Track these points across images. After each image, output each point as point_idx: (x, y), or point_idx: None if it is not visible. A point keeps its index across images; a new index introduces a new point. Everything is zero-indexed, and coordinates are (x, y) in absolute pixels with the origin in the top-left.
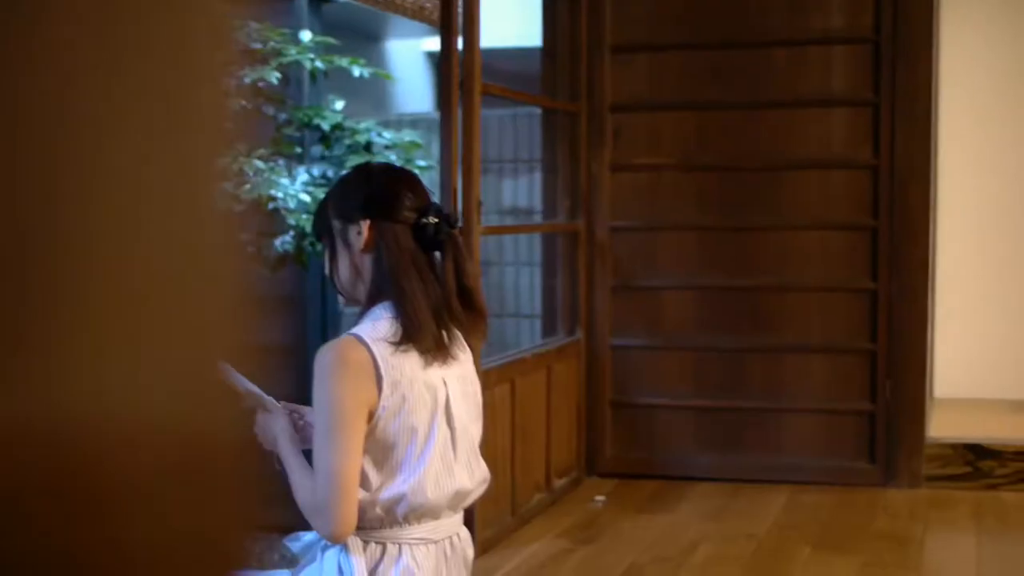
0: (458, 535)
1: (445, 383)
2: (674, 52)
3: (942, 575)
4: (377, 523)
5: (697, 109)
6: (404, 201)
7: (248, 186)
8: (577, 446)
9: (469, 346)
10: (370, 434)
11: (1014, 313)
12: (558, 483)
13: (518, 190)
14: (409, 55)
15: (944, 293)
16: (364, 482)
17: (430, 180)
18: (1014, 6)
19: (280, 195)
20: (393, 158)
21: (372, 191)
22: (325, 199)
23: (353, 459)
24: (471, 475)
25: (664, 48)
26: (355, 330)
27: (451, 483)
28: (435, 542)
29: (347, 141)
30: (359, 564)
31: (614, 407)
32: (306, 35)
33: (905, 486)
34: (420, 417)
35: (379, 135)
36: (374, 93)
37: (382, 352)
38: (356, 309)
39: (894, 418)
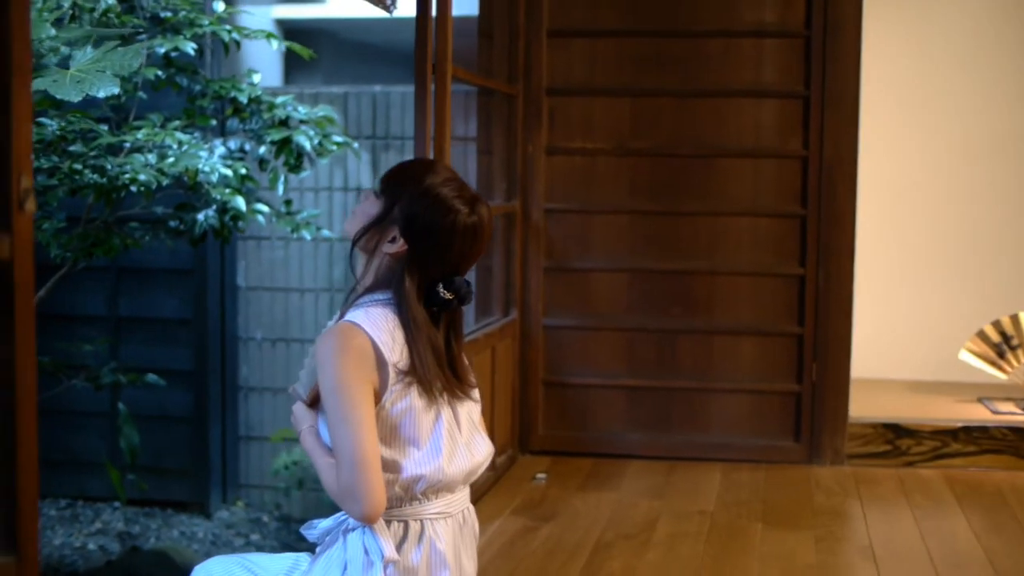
0: (468, 508)
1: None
2: (610, 39)
3: (892, 546)
4: (397, 502)
5: (632, 96)
6: (442, 264)
7: (171, 159)
8: (511, 424)
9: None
10: (377, 415)
11: (927, 298)
12: (498, 460)
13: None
14: (259, 23)
15: (861, 278)
16: (381, 464)
17: (346, 157)
18: (932, 2)
19: (205, 168)
20: (312, 134)
21: (431, 238)
22: (410, 177)
23: (370, 437)
24: (479, 449)
25: (601, 34)
26: (349, 317)
27: (463, 458)
28: (451, 515)
29: (265, 115)
30: (387, 543)
31: (546, 386)
32: (219, 6)
33: (828, 463)
34: (427, 400)
35: (295, 109)
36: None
37: (382, 338)
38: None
39: (819, 398)
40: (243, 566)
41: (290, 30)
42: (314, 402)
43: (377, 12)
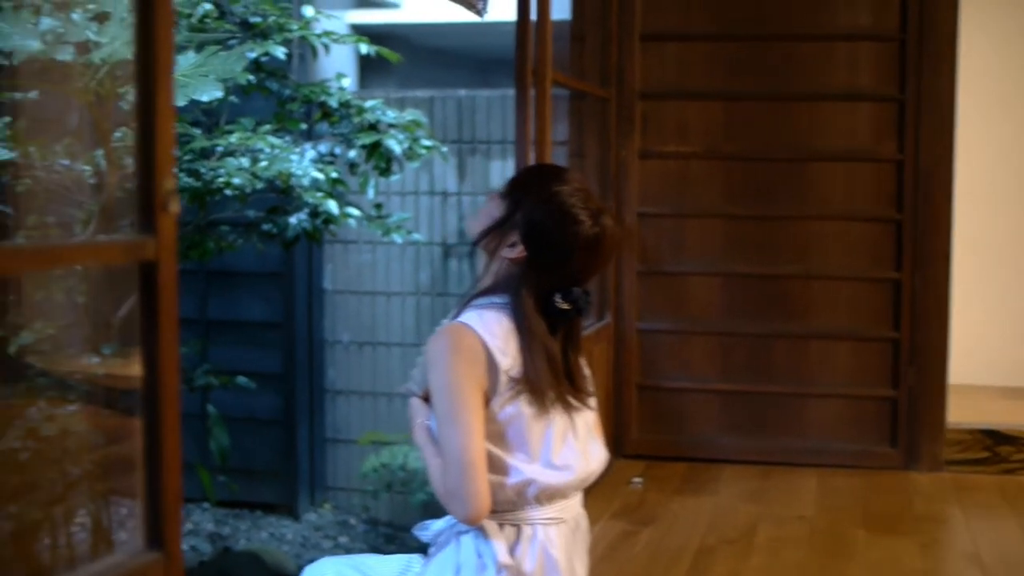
0: (581, 513)
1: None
2: (703, 42)
3: (1000, 554)
4: (509, 505)
5: (725, 99)
6: (561, 275)
7: (264, 163)
8: (606, 428)
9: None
10: (490, 418)
11: (1022, 302)
12: None
13: None
14: (335, 29)
15: (958, 283)
16: (490, 465)
17: (435, 162)
18: None
19: (298, 172)
20: (401, 137)
21: (552, 247)
22: (536, 184)
23: (477, 439)
24: (594, 456)
25: (693, 38)
26: (463, 318)
27: (577, 464)
28: (564, 521)
29: (355, 119)
30: (500, 547)
31: (641, 390)
32: (309, 11)
33: (926, 470)
34: (536, 408)
35: (384, 113)
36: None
37: (494, 343)
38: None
39: (916, 404)
40: (355, 567)
41: (364, 35)
42: (428, 397)
43: (449, 17)
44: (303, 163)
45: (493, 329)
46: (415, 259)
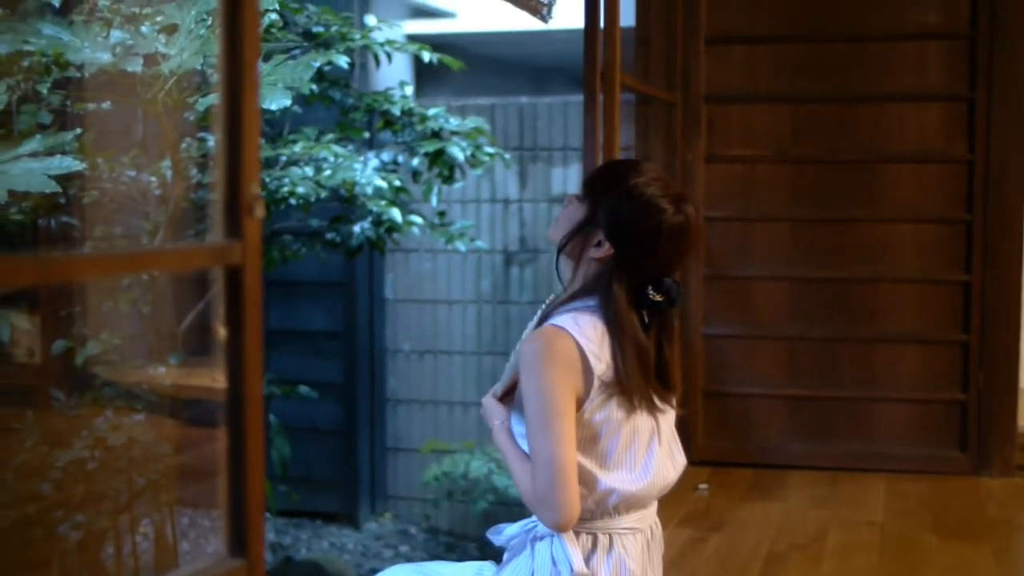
0: (656, 522)
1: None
2: (769, 44)
3: None
4: (588, 514)
5: (792, 102)
6: (650, 267)
7: (328, 172)
8: None
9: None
10: (577, 422)
11: None
12: None
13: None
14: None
15: None
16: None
17: (500, 168)
18: None
19: (362, 181)
20: (464, 145)
21: (638, 239)
22: (617, 179)
23: (569, 446)
24: (675, 464)
25: (759, 40)
26: (556, 321)
27: (660, 474)
28: (640, 531)
29: (418, 127)
30: (576, 555)
31: (706, 395)
32: (371, 20)
33: (997, 475)
34: (626, 410)
35: (447, 121)
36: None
37: (590, 347)
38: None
39: (986, 408)
40: (424, 575)
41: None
42: (504, 396)
43: (505, 26)
44: (366, 172)
45: (588, 333)
46: (476, 267)
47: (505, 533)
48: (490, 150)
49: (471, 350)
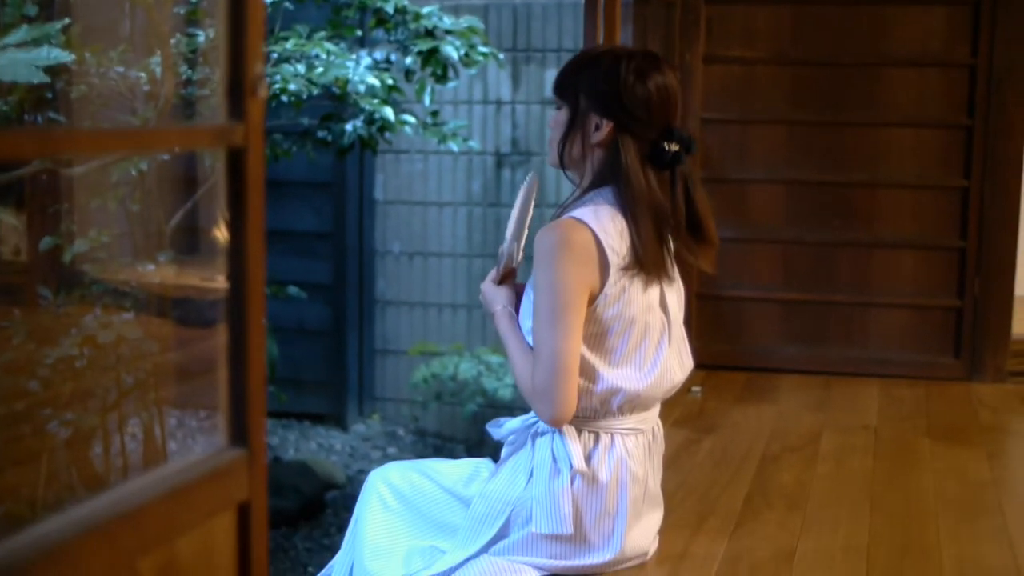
0: (658, 424)
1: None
2: None
3: None
4: (591, 413)
5: (793, 3)
6: (653, 122)
7: (320, 69)
8: None
9: (699, 269)
10: (588, 318)
11: None
12: None
13: None
14: None
15: None
16: (580, 369)
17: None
18: None
19: (355, 79)
20: (458, 44)
21: (628, 100)
22: (584, 66)
23: (575, 342)
24: (683, 366)
25: None
26: (575, 213)
27: (667, 375)
28: (642, 432)
29: (411, 25)
30: (576, 451)
31: (700, 299)
32: None
33: (990, 381)
34: (638, 307)
35: (440, 20)
36: None
37: (606, 239)
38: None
39: (981, 314)
40: (420, 472)
41: None
42: (502, 280)
43: None
44: (359, 69)
45: (607, 225)
46: (467, 169)
47: (506, 427)
48: (484, 50)
49: (461, 252)
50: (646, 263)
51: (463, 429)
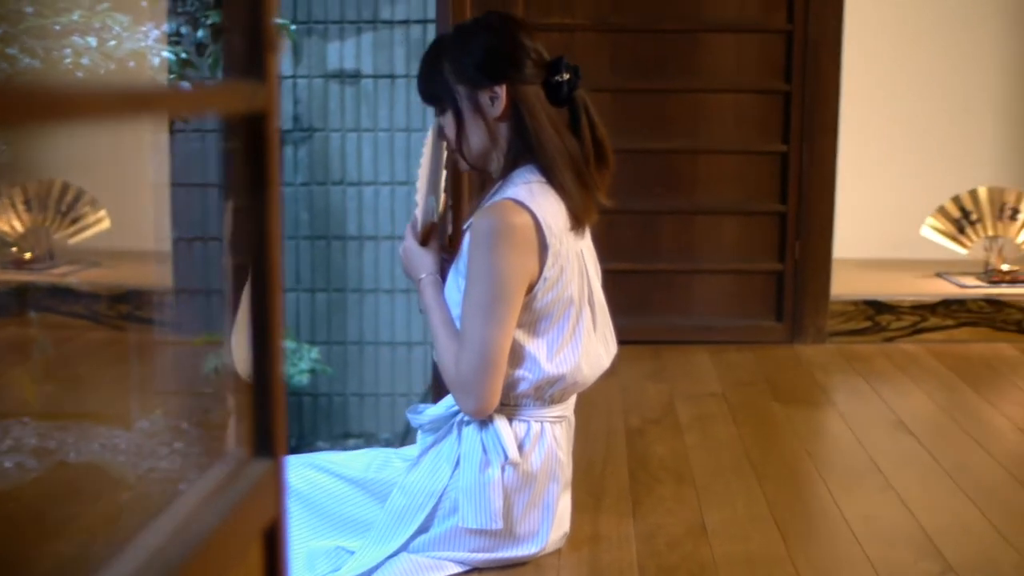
0: (573, 410)
1: (582, 254)
2: None
3: (919, 420)
4: (522, 400)
5: None
6: (533, 56)
7: (113, 43)
8: None
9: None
10: (526, 306)
11: (906, 178)
12: None
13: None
14: None
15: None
16: (516, 357)
17: None
18: None
19: (151, 54)
20: None
21: (499, 48)
22: (437, 61)
23: (506, 336)
24: (608, 351)
25: None
26: (510, 194)
27: (598, 360)
28: (566, 418)
29: None
30: (511, 442)
31: None
32: None
33: (811, 342)
34: (573, 290)
35: None
36: None
37: (545, 219)
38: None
39: (802, 277)
40: (316, 467)
41: None
42: (426, 238)
43: None
44: (148, 43)
45: (543, 204)
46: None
47: (426, 414)
48: (279, 21)
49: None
50: (579, 215)
51: None
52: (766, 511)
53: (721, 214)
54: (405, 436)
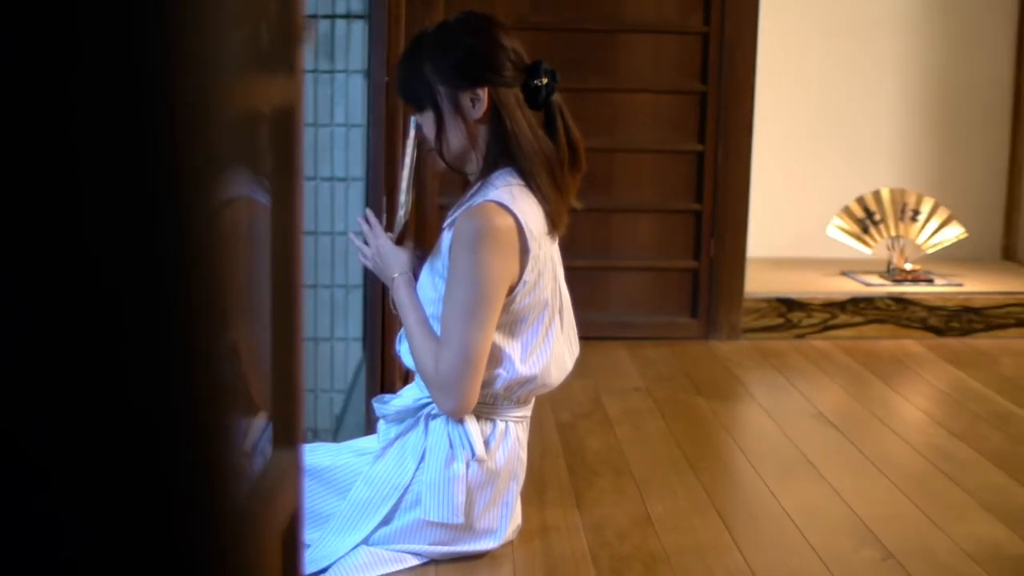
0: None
1: (553, 257)
2: None
3: (839, 413)
4: (492, 400)
5: None
6: (513, 59)
7: None
8: None
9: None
10: (505, 307)
11: (813, 178)
12: None
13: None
14: None
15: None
16: (492, 357)
17: None
18: None
19: None
20: None
21: (482, 52)
22: (418, 60)
23: (487, 338)
24: (572, 353)
25: None
26: (492, 196)
27: (563, 363)
28: (527, 418)
29: None
30: (478, 438)
31: None
32: None
33: (725, 338)
34: (548, 293)
35: None
36: None
37: (527, 223)
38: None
39: (716, 275)
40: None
41: None
42: (401, 239)
43: None
44: None
45: (524, 207)
46: None
47: (392, 404)
48: None
49: None
50: (555, 219)
51: None
52: (707, 502)
53: (638, 212)
54: (337, 431)
